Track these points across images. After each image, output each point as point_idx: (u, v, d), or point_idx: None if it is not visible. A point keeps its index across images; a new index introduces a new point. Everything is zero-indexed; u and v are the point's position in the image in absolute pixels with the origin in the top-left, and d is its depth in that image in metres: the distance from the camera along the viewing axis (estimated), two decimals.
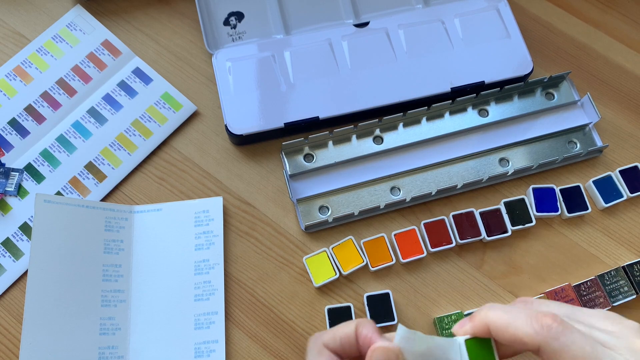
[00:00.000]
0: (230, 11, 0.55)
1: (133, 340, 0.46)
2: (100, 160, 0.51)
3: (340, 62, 0.53)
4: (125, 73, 0.54)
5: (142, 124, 0.52)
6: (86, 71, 0.54)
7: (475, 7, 0.55)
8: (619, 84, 0.56)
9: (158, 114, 0.53)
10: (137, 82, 0.54)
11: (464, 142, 0.52)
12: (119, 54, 0.55)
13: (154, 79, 0.54)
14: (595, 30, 0.59)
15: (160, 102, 0.53)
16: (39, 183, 0.50)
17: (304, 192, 0.50)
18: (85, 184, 0.50)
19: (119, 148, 0.52)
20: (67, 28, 0.55)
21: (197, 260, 0.48)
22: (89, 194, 0.50)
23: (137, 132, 0.52)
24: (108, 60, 0.54)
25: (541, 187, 0.50)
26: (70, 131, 0.52)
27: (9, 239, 0.48)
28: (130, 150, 0.51)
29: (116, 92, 0.54)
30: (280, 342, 0.47)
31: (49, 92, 0.53)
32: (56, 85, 0.53)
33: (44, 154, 0.51)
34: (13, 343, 0.46)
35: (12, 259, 0.48)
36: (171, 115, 0.53)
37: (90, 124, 0.52)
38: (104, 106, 0.53)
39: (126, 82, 0.54)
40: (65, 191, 0.50)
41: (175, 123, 0.53)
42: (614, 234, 0.51)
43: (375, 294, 0.46)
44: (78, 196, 0.49)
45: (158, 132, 0.52)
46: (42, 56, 0.54)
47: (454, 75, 0.53)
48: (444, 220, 0.49)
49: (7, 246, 0.48)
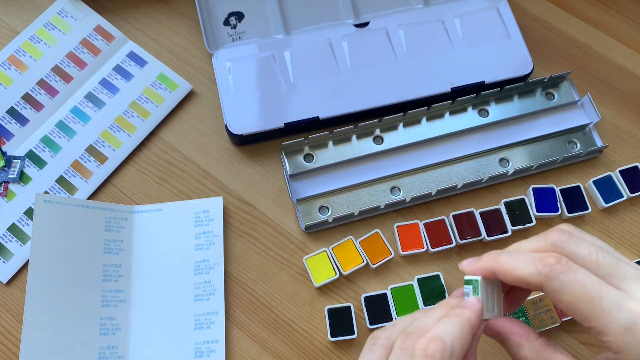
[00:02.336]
0: (230, 11, 0.55)
1: (133, 340, 0.46)
2: (101, 143, 0.52)
3: (340, 62, 0.53)
4: (120, 57, 0.55)
5: (140, 105, 0.53)
6: (81, 57, 0.55)
7: (475, 7, 0.55)
8: (619, 84, 0.56)
9: (155, 95, 0.54)
10: (132, 65, 0.55)
11: (464, 142, 0.52)
12: (112, 38, 0.55)
13: (148, 62, 0.55)
14: (595, 30, 0.59)
15: (156, 83, 0.54)
16: (41, 169, 0.51)
17: (304, 192, 0.50)
18: (87, 166, 0.51)
19: (118, 130, 0.52)
20: (59, 15, 0.56)
21: (197, 260, 0.48)
22: (91, 175, 0.51)
23: (135, 114, 0.53)
24: (102, 46, 0.55)
25: (541, 187, 0.50)
26: (69, 116, 0.53)
27: (14, 224, 0.49)
28: (129, 132, 0.52)
29: (112, 76, 0.54)
30: (280, 342, 0.47)
31: (45, 79, 0.54)
32: (52, 72, 0.54)
33: (45, 140, 0.52)
34: (13, 343, 0.46)
35: (19, 243, 0.48)
36: (168, 95, 0.54)
37: (88, 108, 0.53)
38: (101, 90, 0.54)
39: (121, 65, 0.55)
40: (67, 175, 0.51)
41: (172, 103, 0.54)
42: (614, 234, 0.51)
43: (374, 295, 0.46)
44: (81, 179, 0.50)
45: (156, 112, 0.53)
46: (35, 44, 0.55)
47: (454, 75, 0.53)
48: (444, 220, 0.49)
49: (14, 231, 0.49)
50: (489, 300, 0.34)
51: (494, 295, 0.34)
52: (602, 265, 0.31)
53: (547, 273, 0.30)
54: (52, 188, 0.50)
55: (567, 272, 0.30)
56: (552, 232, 0.33)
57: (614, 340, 0.29)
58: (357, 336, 0.45)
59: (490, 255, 0.33)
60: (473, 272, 0.34)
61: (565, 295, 0.30)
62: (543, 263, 0.30)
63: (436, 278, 0.47)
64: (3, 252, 0.48)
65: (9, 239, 0.48)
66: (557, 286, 0.30)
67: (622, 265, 0.31)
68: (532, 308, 0.45)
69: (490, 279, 0.34)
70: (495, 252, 0.33)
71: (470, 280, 0.34)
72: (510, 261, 0.32)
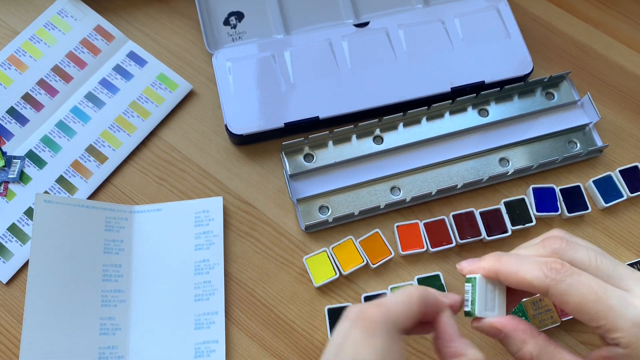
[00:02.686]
0: (230, 11, 0.55)
1: (133, 340, 0.46)
2: (101, 143, 0.52)
3: (340, 62, 0.53)
4: (119, 57, 0.55)
5: (140, 105, 0.53)
6: (81, 57, 0.55)
7: (475, 7, 0.55)
8: (619, 84, 0.56)
9: (155, 95, 0.54)
10: (132, 65, 0.55)
11: (464, 142, 0.52)
12: (112, 38, 0.55)
13: (148, 62, 0.55)
14: (595, 30, 0.59)
15: (156, 83, 0.54)
16: (41, 168, 0.51)
17: (304, 192, 0.50)
18: (87, 166, 0.51)
19: (118, 130, 0.52)
20: (59, 15, 0.56)
21: (197, 260, 0.48)
22: (91, 175, 0.51)
23: (135, 114, 0.53)
24: (102, 45, 0.55)
25: (541, 187, 0.50)
26: (69, 116, 0.53)
27: (14, 224, 0.49)
28: (129, 132, 0.52)
29: (112, 76, 0.54)
30: (280, 342, 0.47)
31: (45, 79, 0.54)
32: (52, 72, 0.54)
33: (45, 140, 0.52)
34: (13, 343, 0.46)
35: (19, 243, 0.48)
36: (168, 95, 0.54)
37: (88, 108, 0.53)
38: (101, 90, 0.54)
39: (121, 65, 0.55)
40: (67, 174, 0.51)
41: (172, 103, 0.54)
42: (614, 234, 0.51)
43: (374, 295, 0.46)
44: (81, 178, 0.50)
45: (156, 112, 0.53)
46: (35, 44, 0.55)
47: (454, 75, 0.53)
48: (444, 220, 0.49)
49: (14, 231, 0.49)
50: (488, 299, 0.34)
51: (494, 295, 0.35)
52: (601, 269, 0.33)
53: (554, 276, 0.32)
54: (52, 188, 0.50)
55: (572, 275, 0.32)
56: (550, 240, 0.34)
57: (624, 336, 0.31)
58: None
59: (493, 255, 0.35)
60: (472, 270, 0.35)
61: (572, 297, 0.32)
62: (549, 267, 0.32)
63: (436, 278, 0.47)
64: (3, 252, 0.48)
65: (9, 239, 0.48)
66: (563, 289, 0.32)
67: (619, 267, 0.33)
68: (532, 308, 0.45)
69: (491, 278, 0.34)
70: (498, 253, 0.35)
71: (470, 278, 0.34)
72: (515, 263, 0.33)
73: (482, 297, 0.34)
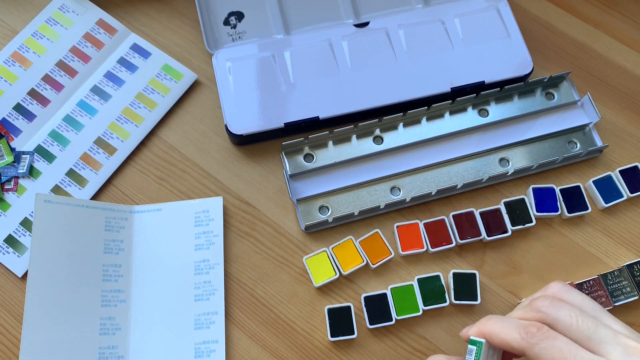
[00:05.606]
0: (230, 11, 0.55)
1: (133, 340, 0.46)
2: (109, 135, 0.52)
3: (340, 62, 0.53)
4: (123, 50, 0.55)
5: (146, 96, 0.53)
6: (84, 51, 0.55)
7: (475, 7, 0.55)
8: (619, 84, 0.56)
9: (160, 85, 0.54)
10: (137, 57, 0.55)
11: (464, 142, 0.52)
12: (115, 31, 0.56)
13: (152, 53, 0.55)
14: (595, 30, 0.59)
15: (161, 73, 0.54)
16: (51, 162, 0.51)
17: (304, 192, 0.50)
18: (96, 158, 0.51)
19: (125, 121, 0.53)
20: (60, 11, 0.56)
21: (197, 260, 0.48)
22: (101, 167, 0.51)
23: (142, 105, 0.53)
24: (105, 39, 0.55)
25: (541, 187, 0.50)
26: (76, 110, 0.53)
27: (27, 218, 0.49)
28: (137, 122, 0.53)
29: (117, 68, 0.54)
30: (280, 342, 0.47)
31: (50, 74, 0.54)
32: (56, 67, 0.54)
33: (53, 135, 0.52)
34: (13, 343, 0.46)
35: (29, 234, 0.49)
36: (173, 85, 0.54)
37: (94, 101, 0.53)
38: (107, 83, 0.54)
39: (125, 58, 0.55)
40: (77, 167, 0.51)
41: (177, 93, 0.54)
42: (614, 234, 0.51)
43: (374, 295, 0.46)
44: (91, 171, 0.51)
45: (162, 102, 0.53)
46: (38, 40, 0.55)
47: (454, 75, 0.53)
48: (444, 220, 0.49)
49: (27, 225, 0.49)
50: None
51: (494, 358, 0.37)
52: (582, 330, 0.33)
53: (529, 339, 0.33)
54: (63, 181, 0.50)
55: (546, 339, 0.33)
56: (538, 300, 0.36)
57: None
58: (357, 336, 0.45)
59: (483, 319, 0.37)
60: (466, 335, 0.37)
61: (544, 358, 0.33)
62: (526, 330, 0.34)
63: (436, 278, 0.47)
64: (17, 246, 0.48)
65: (22, 233, 0.49)
66: (536, 352, 0.33)
67: (601, 329, 0.33)
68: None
69: None
70: (487, 317, 0.37)
71: (475, 341, 0.36)
72: (498, 326, 0.35)
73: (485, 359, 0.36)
